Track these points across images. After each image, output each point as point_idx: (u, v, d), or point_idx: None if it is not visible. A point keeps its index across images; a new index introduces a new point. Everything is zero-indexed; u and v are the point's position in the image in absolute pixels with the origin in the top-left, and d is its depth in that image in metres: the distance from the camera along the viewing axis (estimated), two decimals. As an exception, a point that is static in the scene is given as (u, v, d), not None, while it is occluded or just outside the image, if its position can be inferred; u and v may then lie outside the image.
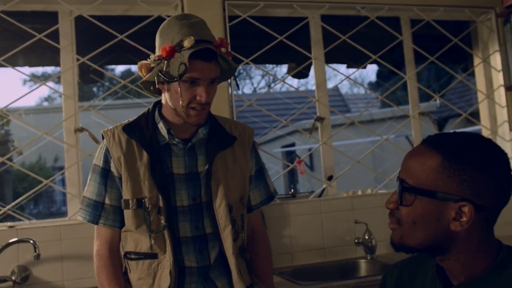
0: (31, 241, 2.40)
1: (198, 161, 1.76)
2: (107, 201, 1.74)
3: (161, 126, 1.74)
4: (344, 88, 18.55)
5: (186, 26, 1.63)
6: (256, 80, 15.76)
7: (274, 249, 2.81)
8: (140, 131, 1.73)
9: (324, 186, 3.17)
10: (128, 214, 1.71)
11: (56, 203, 11.29)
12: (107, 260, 1.74)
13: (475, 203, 1.10)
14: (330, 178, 3.18)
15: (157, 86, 1.71)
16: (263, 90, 15.56)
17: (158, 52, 1.68)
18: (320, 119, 3.19)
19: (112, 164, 1.72)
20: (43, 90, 22.92)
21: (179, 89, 1.63)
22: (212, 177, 1.73)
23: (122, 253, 1.79)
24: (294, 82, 24.61)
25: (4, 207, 2.64)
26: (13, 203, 2.66)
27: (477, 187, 1.10)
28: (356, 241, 2.94)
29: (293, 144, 9.30)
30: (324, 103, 3.22)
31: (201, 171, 1.75)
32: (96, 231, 1.78)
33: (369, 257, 2.93)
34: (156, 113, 1.77)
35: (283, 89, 13.07)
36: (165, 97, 1.73)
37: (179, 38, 1.61)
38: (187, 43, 1.59)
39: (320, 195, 3.15)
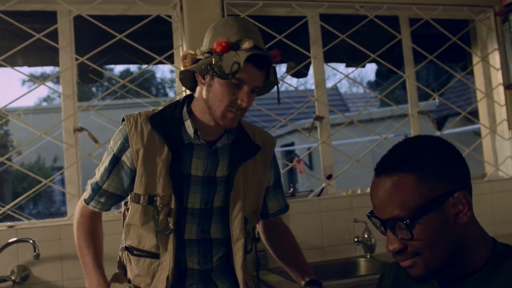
0: (31, 241, 2.40)
1: (219, 165, 1.71)
2: (105, 186, 1.71)
3: (188, 124, 1.67)
4: (343, 87, 18.56)
5: (245, 29, 1.60)
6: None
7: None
8: (165, 125, 1.66)
9: (323, 185, 3.17)
10: (136, 208, 1.67)
11: (55, 203, 11.28)
12: (87, 224, 1.76)
13: (462, 187, 1.14)
14: (329, 177, 3.18)
15: (198, 79, 1.65)
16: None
17: (208, 46, 1.61)
18: (319, 118, 3.19)
19: (127, 154, 1.67)
20: (42, 91, 22.91)
21: (222, 87, 1.58)
22: (233, 187, 1.70)
23: (123, 244, 1.78)
24: (293, 81, 24.62)
25: (3, 207, 2.64)
26: (12, 203, 2.66)
27: (454, 174, 1.14)
28: (355, 240, 2.94)
29: (292, 144, 9.30)
30: (323, 102, 3.22)
31: (219, 176, 1.72)
32: (80, 204, 1.78)
33: (368, 256, 2.94)
34: (185, 109, 1.70)
35: (282, 89, 13.08)
36: (201, 93, 1.66)
37: (237, 37, 1.57)
38: (247, 44, 1.55)
39: (319, 194, 3.15)
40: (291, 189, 3.17)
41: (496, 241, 1.21)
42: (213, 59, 1.56)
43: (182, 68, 1.66)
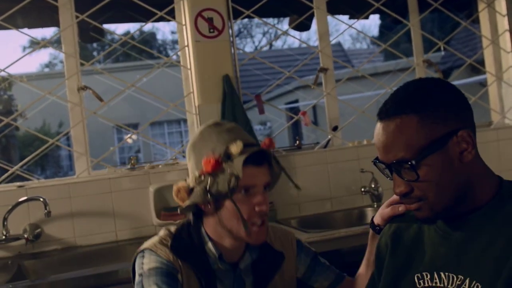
0: (41, 199, 2.43)
1: (246, 287, 1.53)
2: None
3: (209, 248, 1.47)
4: (347, 43, 18.32)
5: (224, 132, 1.42)
6: (257, 39, 15.59)
7: (281, 200, 2.84)
8: (191, 255, 1.46)
9: (329, 137, 3.17)
10: None
11: (63, 168, 11.38)
12: None
13: (465, 126, 1.14)
14: (335, 128, 3.17)
15: (202, 208, 1.46)
16: (265, 49, 15.40)
17: (196, 170, 1.42)
18: (324, 70, 3.17)
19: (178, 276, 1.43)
20: (44, 56, 22.78)
21: (233, 205, 1.39)
22: None
23: None
24: (296, 37, 24.21)
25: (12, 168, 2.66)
26: (21, 163, 2.68)
27: (457, 113, 1.14)
28: (362, 189, 2.96)
29: (296, 101, 9.29)
30: (327, 54, 3.18)
31: None
32: None
33: (375, 205, 2.96)
34: (203, 230, 1.50)
35: (285, 47, 12.97)
36: (213, 220, 1.47)
37: (222, 146, 1.38)
38: (235, 149, 1.36)
39: (325, 146, 3.15)
40: (297, 141, 3.18)
41: (502, 178, 1.22)
42: (208, 182, 1.38)
43: (180, 204, 1.45)
